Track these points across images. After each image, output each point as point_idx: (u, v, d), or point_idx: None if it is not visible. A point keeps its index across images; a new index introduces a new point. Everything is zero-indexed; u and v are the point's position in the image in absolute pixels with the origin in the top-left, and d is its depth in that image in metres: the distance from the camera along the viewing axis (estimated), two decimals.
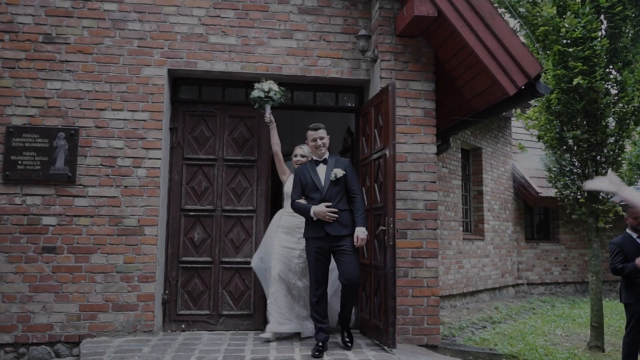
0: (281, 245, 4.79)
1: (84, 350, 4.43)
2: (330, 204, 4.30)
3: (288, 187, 4.85)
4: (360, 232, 4.26)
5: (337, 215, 4.27)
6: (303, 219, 4.53)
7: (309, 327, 4.72)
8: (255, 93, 4.96)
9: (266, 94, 4.92)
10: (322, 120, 4.87)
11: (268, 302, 4.77)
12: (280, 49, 5.28)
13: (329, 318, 4.50)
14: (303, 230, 4.54)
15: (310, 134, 4.50)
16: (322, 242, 4.31)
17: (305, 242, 4.51)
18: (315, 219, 4.29)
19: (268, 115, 5.01)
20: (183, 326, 5.15)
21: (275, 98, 4.97)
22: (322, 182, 4.40)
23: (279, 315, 4.67)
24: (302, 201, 4.43)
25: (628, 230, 5.22)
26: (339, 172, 4.36)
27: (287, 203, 4.84)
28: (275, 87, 4.96)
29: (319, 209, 4.26)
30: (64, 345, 4.72)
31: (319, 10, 5.38)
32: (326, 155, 4.53)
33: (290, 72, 5.27)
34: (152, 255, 4.88)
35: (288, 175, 4.98)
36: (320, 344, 4.21)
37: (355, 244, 4.26)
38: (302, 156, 4.88)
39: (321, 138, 4.47)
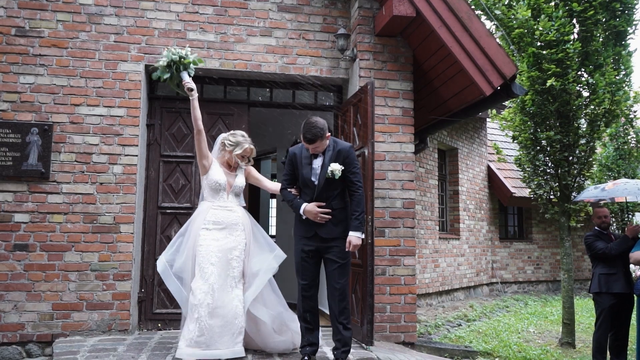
0: (216, 245, 4.00)
1: (57, 349, 4.34)
2: (323, 204, 3.85)
3: (213, 175, 4.10)
4: (354, 238, 3.79)
5: (329, 217, 3.84)
6: (239, 212, 4.15)
7: (238, 352, 3.93)
8: (172, 57, 4.08)
9: (183, 58, 4.10)
10: (300, 118, 4.85)
11: (190, 317, 3.87)
12: (259, 46, 5.26)
13: (255, 334, 4.11)
14: (240, 227, 4.11)
15: (305, 145, 3.89)
16: (311, 242, 3.90)
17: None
18: (305, 217, 3.89)
19: (189, 81, 4.10)
20: (159, 325, 5.09)
21: (196, 62, 4.18)
22: (317, 178, 3.88)
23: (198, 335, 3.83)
24: (294, 191, 4.00)
25: (596, 228, 5.67)
26: (337, 170, 3.81)
27: (216, 195, 4.13)
28: (189, 51, 4.19)
29: (310, 209, 3.83)
30: (36, 344, 4.62)
31: (299, 9, 5.38)
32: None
33: (270, 69, 5.26)
34: (128, 253, 4.82)
35: (211, 162, 4.16)
36: (306, 357, 3.86)
37: (346, 249, 3.83)
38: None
39: (317, 147, 3.87)
